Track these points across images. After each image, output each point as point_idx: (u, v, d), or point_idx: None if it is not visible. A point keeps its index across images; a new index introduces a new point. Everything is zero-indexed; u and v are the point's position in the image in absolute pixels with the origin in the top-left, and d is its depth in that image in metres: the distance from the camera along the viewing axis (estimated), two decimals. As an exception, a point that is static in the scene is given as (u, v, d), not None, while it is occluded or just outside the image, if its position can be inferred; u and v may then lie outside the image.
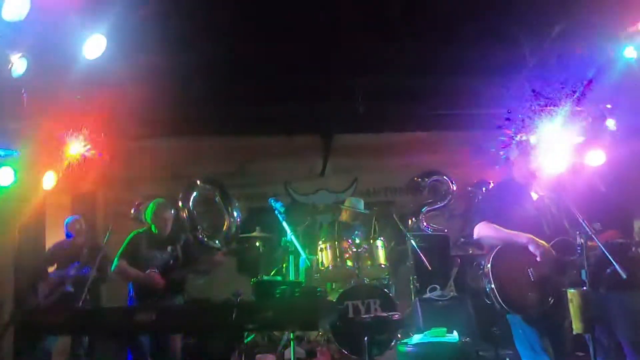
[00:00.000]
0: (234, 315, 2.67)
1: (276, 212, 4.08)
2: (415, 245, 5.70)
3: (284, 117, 7.33)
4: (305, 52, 6.19)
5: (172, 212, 5.38)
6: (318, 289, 2.56)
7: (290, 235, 3.86)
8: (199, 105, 6.94)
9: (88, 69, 4.85)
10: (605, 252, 3.31)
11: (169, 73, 6.05)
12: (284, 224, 3.98)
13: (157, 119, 7.00)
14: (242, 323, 2.70)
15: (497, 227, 3.70)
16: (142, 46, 5.36)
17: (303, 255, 3.86)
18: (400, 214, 6.64)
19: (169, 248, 5.20)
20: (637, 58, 6.23)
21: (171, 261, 5.16)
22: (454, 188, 8.05)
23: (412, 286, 5.78)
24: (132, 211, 7.33)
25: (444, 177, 8.07)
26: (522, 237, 3.61)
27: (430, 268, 5.62)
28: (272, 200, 4.18)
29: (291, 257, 4.06)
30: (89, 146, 6.53)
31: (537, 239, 3.57)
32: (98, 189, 7.52)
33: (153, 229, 5.22)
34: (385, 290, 5.62)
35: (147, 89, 6.27)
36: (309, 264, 4.39)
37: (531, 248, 3.57)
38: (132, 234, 5.26)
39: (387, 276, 6.03)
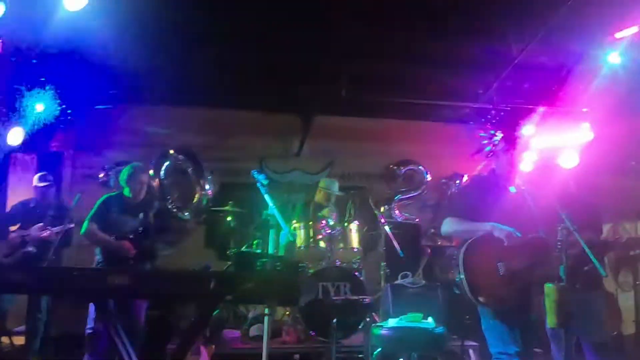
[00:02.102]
0: (212, 285, 2.58)
1: (258, 184, 3.98)
2: (389, 232, 5.68)
3: (265, 94, 7.20)
4: (293, 30, 6.07)
5: (148, 177, 5.23)
6: (300, 265, 2.51)
7: (272, 208, 3.78)
8: (177, 74, 6.76)
9: (68, 22, 4.65)
10: (587, 249, 3.33)
11: (151, 37, 5.85)
12: (266, 196, 3.89)
13: (134, 83, 6.79)
14: (221, 293, 2.61)
15: (461, 219, 3.70)
16: (126, 6, 5.15)
17: (285, 229, 3.79)
18: (375, 200, 6.60)
19: (141, 215, 5.06)
20: (620, 64, 6.32)
21: (143, 228, 5.02)
22: (428, 178, 8.07)
23: (382, 272, 5.76)
24: (101, 175, 7.12)
25: (419, 166, 8.07)
26: (486, 225, 3.60)
27: (402, 255, 5.61)
28: (255, 173, 4.07)
29: (272, 232, 3.97)
30: (60, 104, 6.32)
31: (500, 225, 3.56)
32: (66, 150, 7.29)
33: (127, 192, 5.06)
34: (357, 274, 5.59)
35: (127, 51, 6.07)
36: (291, 239, 4.33)
37: (495, 234, 3.56)
38: (103, 197, 5.09)
39: (359, 260, 6.01)
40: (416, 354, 3.79)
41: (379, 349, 3.78)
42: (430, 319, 3.80)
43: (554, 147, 7.22)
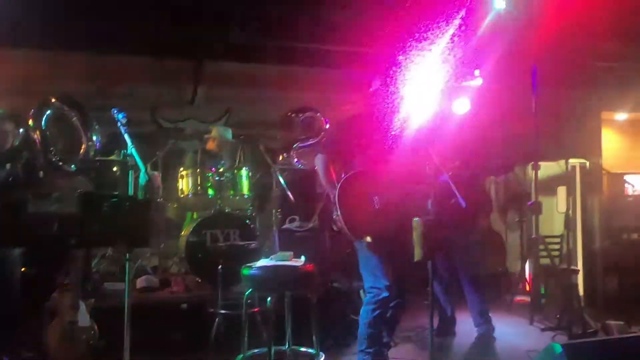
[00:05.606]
0: (54, 228, 2.42)
1: (118, 123, 3.77)
2: (280, 178, 5.63)
3: (153, 38, 6.83)
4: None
5: (14, 125, 4.83)
6: (153, 204, 2.38)
7: (131, 148, 3.60)
8: (60, 16, 6.26)
9: None
10: (449, 181, 3.41)
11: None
12: (126, 136, 3.69)
13: (10, 25, 6.22)
14: (65, 237, 2.46)
15: (324, 167, 3.85)
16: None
17: (142, 169, 3.60)
18: (269, 147, 6.50)
19: (7, 165, 4.69)
20: (505, 8, 6.46)
21: (9, 179, 4.67)
22: (327, 126, 8.04)
23: (274, 218, 5.73)
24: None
25: (318, 114, 8.01)
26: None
27: (293, 200, 5.59)
28: (115, 111, 3.83)
29: (130, 172, 3.79)
30: None
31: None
32: None
33: None
34: (247, 220, 5.52)
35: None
36: (147, 178, 4.14)
37: None
38: None
39: (251, 207, 5.94)
40: (289, 294, 3.82)
41: (250, 290, 3.76)
42: (302, 258, 3.82)
43: (445, 92, 7.35)
